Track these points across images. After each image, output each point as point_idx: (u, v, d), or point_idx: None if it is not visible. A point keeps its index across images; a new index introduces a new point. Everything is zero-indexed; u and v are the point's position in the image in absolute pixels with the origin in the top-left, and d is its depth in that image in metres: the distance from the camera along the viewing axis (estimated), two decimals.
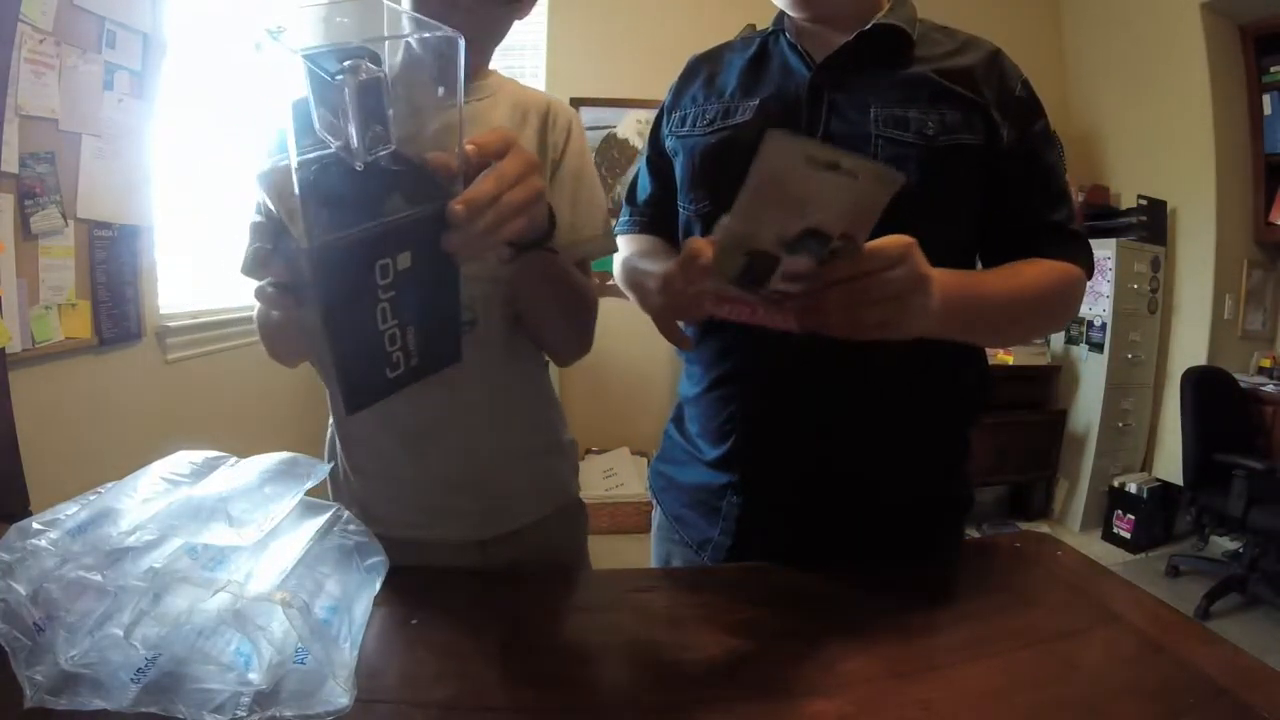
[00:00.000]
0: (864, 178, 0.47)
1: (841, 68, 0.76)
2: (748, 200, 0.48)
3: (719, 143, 0.80)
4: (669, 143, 0.87)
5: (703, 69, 0.87)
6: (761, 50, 0.83)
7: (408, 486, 0.81)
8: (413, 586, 0.68)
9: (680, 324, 0.64)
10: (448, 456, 0.80)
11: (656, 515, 0.94)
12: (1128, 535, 3.06)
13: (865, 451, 0.77)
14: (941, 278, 0.57)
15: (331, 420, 0.87)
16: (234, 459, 0.66)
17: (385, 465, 0.82)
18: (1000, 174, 0.74)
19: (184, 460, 0.64)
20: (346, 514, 0.65)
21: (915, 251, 0.54)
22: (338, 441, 0.86)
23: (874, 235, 0.51)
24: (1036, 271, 0.73)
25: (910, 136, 0.71)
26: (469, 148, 0.48)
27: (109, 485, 0.59)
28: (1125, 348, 3.13)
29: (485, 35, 0.77)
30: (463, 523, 0.82)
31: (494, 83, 0.81)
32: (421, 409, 0.77)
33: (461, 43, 0.45)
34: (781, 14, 0.82)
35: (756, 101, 0.79)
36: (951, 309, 0.60)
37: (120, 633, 0.47)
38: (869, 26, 0.74)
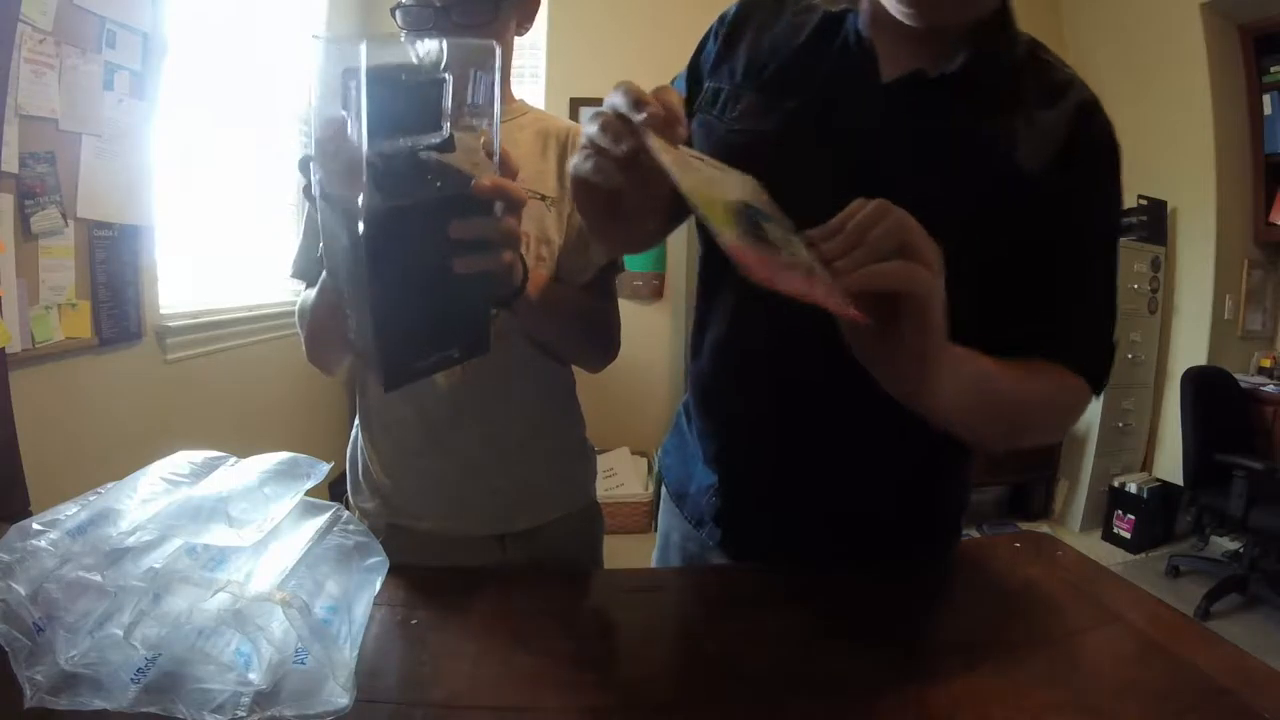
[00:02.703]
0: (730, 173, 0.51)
1: (912, 92, 0.62)
2: (677, 173, 0.43)
3: (740, 146, 0.67)
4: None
5: (752, 19, 0.71)
6: (823, 28, 0.67)
7: (430, 475, 0.84)
8: (413, 586, 0.68)
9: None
10: (470, 445, 0.83)
11: (663, 490, 0.92)
12: (1128, 535, 3.06)
13: (851, 462, 0.72)
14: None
15: (358, 417, 0.89)
16: (234, 459, 0.66)
17: (409, 454, 0.84)
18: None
19: (184, 460, 0.64)
20: (346, 514, 0.65)
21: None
22: (361, 437, 0.88)
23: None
24: (1033, 370, 0.64)
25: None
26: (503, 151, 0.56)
27: (109, 485, 0.59)
28: (1125, 348, 3.12)
29: None
30: (483, 516, 0.84)
31: (518, 108, 0.86)
32: (447, 398, 0.81)
33: (498, 49, 0.53)
34: None
35: (792, 104, 0.65)
36: (956, 364, 0.50)
37: (120, 633, 0.47)
38: (961, 62, 0.61)
